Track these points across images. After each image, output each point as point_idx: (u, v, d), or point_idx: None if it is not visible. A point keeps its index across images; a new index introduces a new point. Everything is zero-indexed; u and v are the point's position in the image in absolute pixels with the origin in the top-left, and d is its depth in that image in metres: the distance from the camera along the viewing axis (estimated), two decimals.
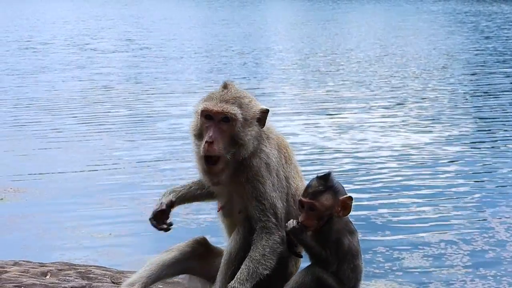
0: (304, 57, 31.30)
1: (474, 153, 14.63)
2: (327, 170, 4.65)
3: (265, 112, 4.63)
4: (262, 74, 25.91)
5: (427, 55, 31.21)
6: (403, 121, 17.61)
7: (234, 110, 4.50)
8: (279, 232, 4.60)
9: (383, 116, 18.14)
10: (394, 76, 25.19)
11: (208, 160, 4.53)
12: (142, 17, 57.91)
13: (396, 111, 18.84)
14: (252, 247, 4.57)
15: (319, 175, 4.61)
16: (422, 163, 13.81)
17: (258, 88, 22.52)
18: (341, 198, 4.55)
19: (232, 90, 4.61)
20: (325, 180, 4.58)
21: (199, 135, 4.60)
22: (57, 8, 69.67)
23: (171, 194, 4.89)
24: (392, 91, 22.04)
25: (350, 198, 4.55)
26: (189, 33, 43.05)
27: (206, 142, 4.47)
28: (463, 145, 15.27)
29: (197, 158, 4.66)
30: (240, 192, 4.65)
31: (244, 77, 24.80)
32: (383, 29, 45.32)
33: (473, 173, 13.15)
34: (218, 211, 4.93)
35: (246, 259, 4.54)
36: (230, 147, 4.52)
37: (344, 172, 13.08)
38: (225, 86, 4.62)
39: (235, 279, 4.49)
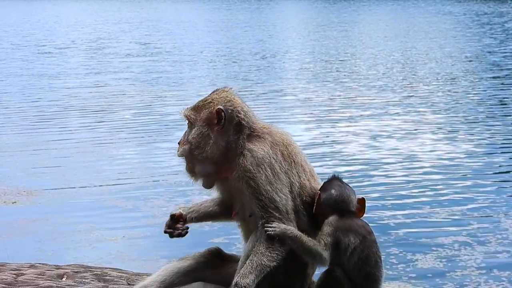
0: (324, 60, 30.84)
1: (488, 156, 14.55)
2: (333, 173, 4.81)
3: (217, 111, 4.71)
4: (281, 78, 25.61)
5: (453, 58, 30.54)
6: (421, 124, 17.43)
7: (186, 113, 4.81)
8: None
9: (404, 121, 17.87)
10: (417, 80, 24.73)
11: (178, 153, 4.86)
12: (160, 20, 57.88)
13: (416, 116, 18.56)
14: (257, 242, 4.57)
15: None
16: (434, 165, 13.78)
17: (275, 91, 22.35)
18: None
19: (207, 96, 4.85)
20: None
21: None
22: (74, 12, 69.81)
23: (181, 208, 4.96)
24: (414, 95, 21.62)
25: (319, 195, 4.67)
26: (209, 37, 42.96)
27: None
28: (478, 148, 15.19)
29: None
30: (241, 194, 4.67)
31: (262, 82, 24.60)
32: (404, 31, 44.59)
33: (487, 175, 13.09)
34: (233, 216, 4.95)
35: (251, 254, 4.54)
36: (187, 147, 4.77)
37: (356, 172, 13.07)
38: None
39: (238, 274, 4.49)
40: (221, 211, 5.00)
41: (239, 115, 4.75)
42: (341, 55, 32.66)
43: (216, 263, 5.01)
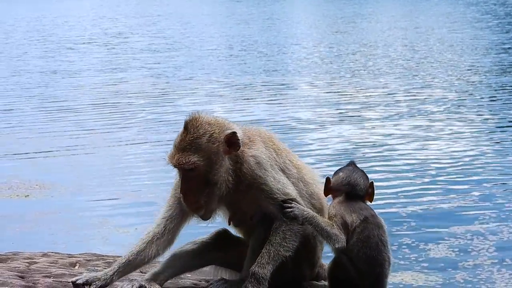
0: (343, 55, 30.04)
1: (500, 146, 14.49)
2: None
3: (231, 136, 4.57)
4: (300, 75, 25.10)
5: (482, 50, 29.42)
6: (444, 122, 16.86)
7: (190, 159, 4.48)
8: None
9: (430, 120, 17.26)
10: (451, 74, 23.80)
11: (188, 206, 4.60)
12: (179, 14, 57.67)
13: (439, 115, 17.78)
14: (271, 233, 4.61)
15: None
16: (447, 155, 13.74)
17: (294, 89, 22.10)
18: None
19: (192, 131, 4.54)
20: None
21: (178, 180, 4.68)
22: (92, 7, 69.71)
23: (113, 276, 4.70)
24: (439, 93, 20.60)
25: (328, 180, 4.82)
26: (230, 30, 42.58)
27: (180, 194, 4.56)
28: (491, 138, 15.13)
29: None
30: (248, 199, 4.69)
31: (279, 78, 24.27)
32: (430, 23, 43.39)
33: (499, 165, 13.05)
34: (228, 224, 4.97)
35: (266, 243, 4.59)
36: (204, 190, 4.55)
37: (369, 163, 13.05)
38: (185, 128, 4.58)
39: (256, 263, 4.54)
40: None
41: (237, 129, 4.69)
42: (368, 49, 31.83)
43: (224, 245, 5.02)
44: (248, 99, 20.40)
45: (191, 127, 4.55)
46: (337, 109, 18.70)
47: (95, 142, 15.46)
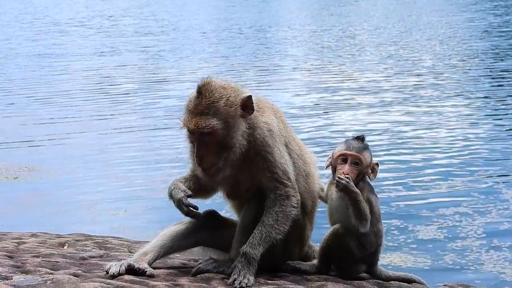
0: (336, 39, 29.76)
1: (492, 131, 14.50)
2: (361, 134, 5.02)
3: (247, 100, 4.60)
4: (292, 58, 24.91)
5: (479, 34, 28.93)
6: (438, 108, 16.62)
7: (210, 123, 4.47)
8: (294, 197, 4.68)
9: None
10: (440, 60, 23.33)
11: (205, 169, 4.58)
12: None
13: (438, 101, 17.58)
14: (264, 213, 4.63)
15: (354, 135, 4.99)
16: (438, 139, 13.77)
17: (286, 73, 21.94)
18: (373, 161, 4.92)
19: (207, 95, 4.53)
20: (363, 140, 4.94)
21: (191, 144, 4.65)
22: None
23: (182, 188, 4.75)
24: (433, 79, 20.20)
25: (377, 164, 4.94)
26: (229, 13, 42.26)
27: (196, 157, 4.53)
28: (484, 123, 15.14)
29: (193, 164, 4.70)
30: (249, 168, 4.69)
31: (271, 62, 24.06)
32: (425, 4, 42.94)
33: (488, 147, 13.08)
34: (226, 198, 4.98)
35: (259, 224, 4.61)
36: (221, 153, 4.54)
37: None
38: (199, 92, 4.55)
39: (247, 243, 4.57)
40: (205, 190, 4.96)
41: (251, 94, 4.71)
42: (362, 32, 31.37)
43: (212, 225, 5.03)
44: (240, 82, 20.29)
45: (205, 91, 4.55)
46: (330, 94, 18.67)
47: (86, 126, 15.43)
